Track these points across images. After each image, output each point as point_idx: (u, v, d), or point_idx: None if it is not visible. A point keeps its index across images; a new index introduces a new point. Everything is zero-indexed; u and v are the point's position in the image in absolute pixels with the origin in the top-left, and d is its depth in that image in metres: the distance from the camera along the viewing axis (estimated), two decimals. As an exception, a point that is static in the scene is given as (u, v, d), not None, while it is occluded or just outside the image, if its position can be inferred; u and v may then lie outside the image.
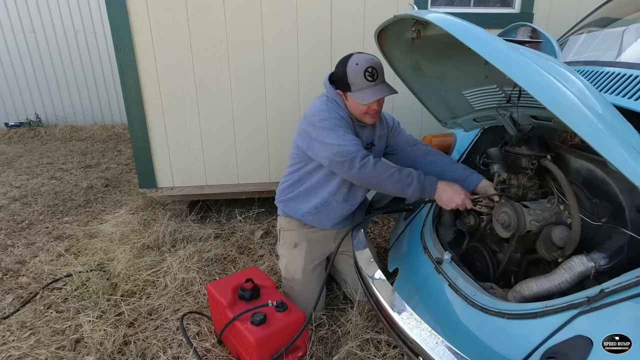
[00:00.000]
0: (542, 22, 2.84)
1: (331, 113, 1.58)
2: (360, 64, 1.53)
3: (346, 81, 1.55)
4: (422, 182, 1.48)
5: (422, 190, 1.49)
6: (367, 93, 1.53)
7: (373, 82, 1.54)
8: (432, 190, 1.49)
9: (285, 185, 1.86)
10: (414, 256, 1.69)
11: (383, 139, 1.81)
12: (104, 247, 2.38)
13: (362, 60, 1.54)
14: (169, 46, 2.52)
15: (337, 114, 1.59)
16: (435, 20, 1.05)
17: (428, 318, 1.33)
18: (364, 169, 1.47)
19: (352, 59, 1.55)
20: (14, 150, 4.80)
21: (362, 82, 1.53)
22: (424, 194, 1.50)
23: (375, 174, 1.47)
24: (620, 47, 1.56)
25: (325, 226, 1.83)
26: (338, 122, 1.56)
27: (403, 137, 1.84)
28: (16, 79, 5.69)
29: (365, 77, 1.52)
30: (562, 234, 1.22)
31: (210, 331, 1.73)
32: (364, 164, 1.47)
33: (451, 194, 1.48)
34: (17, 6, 5.42)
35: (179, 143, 2.73)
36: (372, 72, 1.53)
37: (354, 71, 1.53)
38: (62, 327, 1.77)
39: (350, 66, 1.54)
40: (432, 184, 1.50)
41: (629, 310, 0.92)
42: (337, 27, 2.62)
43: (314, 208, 1.77)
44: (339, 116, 1.59)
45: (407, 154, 1.82)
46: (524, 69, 0.95)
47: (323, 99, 1.66)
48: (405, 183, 1.47)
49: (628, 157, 0.86)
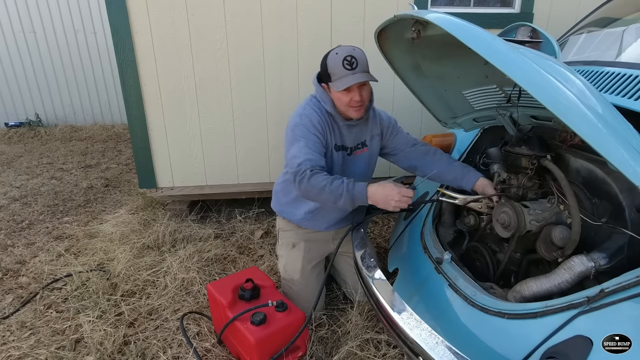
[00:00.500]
0: (542, 22, 2.84)
1: (303, 119, 1.57)
2: (339, 53, 1.51)
3: (327, 71, 1.54)
4: (351, 191, 1.42)
5: (353, 199, 1.42)
6: (344, 80, 1.50)
7: (351, 71, 1.49)
8: (363, 197, 1.42)
9: (277, 189, 1.87)
10: (414, 256, 1.69)
11: (377, 139, 1.77)
12: (104, 247, 2.38)
13: (342, 50, 1.52)
14: (169, 46, 2.52)
15: (309, 120, 1.56)
16: (435, 20, 1.05)
17: (428, 318, 1.34)
18: (301, 185, 1.44)
19: (333, 50, 1.54)
20: (14, 150, 4.80)
21: (340, 71, 1.50)
22: (356, 202, 1.44)
23: (309, 188, 1.44)
24: (620, 47, 1.56)
25: (320, 228, 1.82)
26: (305, 132, 1.54)
27: (401, 138, 1.81)
28: (16, 79, 5.69)
29: (344, 65, 1.49)
30: (562, 234, 1.22)
31: (210, 331, 1.73)
32: (301, 179, 1.44)
33: (385, 194, 1.40)
34: (17, 6, 5.42)
35: (179, 143, 2.73)
36: (351, 60, 1.49)
37: (333, 60, 1.52)
38: (62, 327, 1.77)
39: (330, 56, 1.53)
40: (361, 191, 1.42)
41: (629, 310, 0.92)
42: (337, 27, 2.62)
43: (307, 213, 1.77)
44: (310, 123, 1.55)
45: (407, 155, 1.79)
46: (524, 69, 0.95)
47: (306, 101, 1.65)
48: (337, 194, 1.42)
49: (628, 157, 0.86)
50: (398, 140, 1.80)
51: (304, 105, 1.64)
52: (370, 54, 1.59)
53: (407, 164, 1.80)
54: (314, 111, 1.60)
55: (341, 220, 1.84)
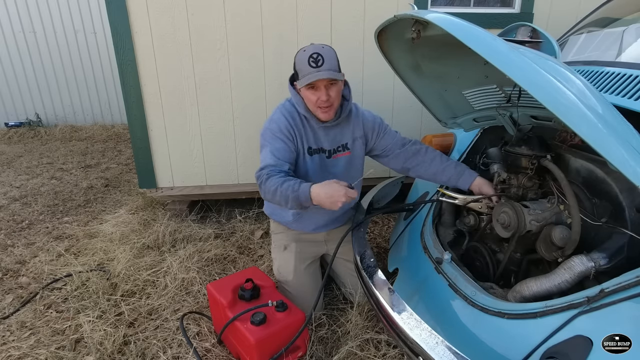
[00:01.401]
0: (542, 22, 2.84)
1: (271, 124, 1.57)
2: (307, 50, 1.49)
3: (295, 69, 1.53)
4: (297, 192, 1.35)
5: (298, 200, 1.35)
6: (308, 77, 1.47)
7: (316, 68, 1.46)
8: (307, 199, 1.35)
9: None
10: (414, 256, 1.69)
11: (360, 141, 1.72)
12: (104, 247, 2.38)
13: (310, 47, 1.50)
14: (169, 46, 2.52)
15: (276, 125, 1.56)
16: (435, 20, 1.05)
17: (428, 318, 1.34)
18: (260, 189, 1.45)
19: (302, 48, 1.51)
20: (14, 150, 4.80)
21: (305, 68, 1.48)
22: (303, 204, 1.37)
23: (265, 191, 1.42)
24: (620, 47, 1.56)
25: (307, 230, 1.82)
26: (272, 137, 1.55)
27: (389, 138, 1.75)
28: (16, 79, 5.69)
29: (309, 62, 1.46)
30: (562, 234, 1.22)
31: (210, 331, 1.73)
32: (260, 183, 1.44)
33: (330, 194, 1.32)
34: (17, 6, 5.43)
35: (179, 143, 2.73)
36: (317, 57, 1.45)
37: (300, 58, 1.50)
38: (62, 327, 1.77)
39: (298, 54, 1.52)
40: (305, 192, 1.34)
41: (629, 310, 0.92)
42: (337, 27, 2.62)
43: (295, 214, 1.77)
44: (277, 128, 1.55)
45: (398, 156, 1.75)
46: (524, 69, 0.95)
47: (281, 104, 1.66)
48: (285, 196, 1.36)
49: (628, 157, 0.86)
50: (387, 140, 1.75)
51: (276, 109, 1.64)
52: (370, 54, 1.59)
53: (399, 166, 1.77)
54: (283, 116, 1.59)
55: (330, 222, 1.84)
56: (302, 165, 1.66)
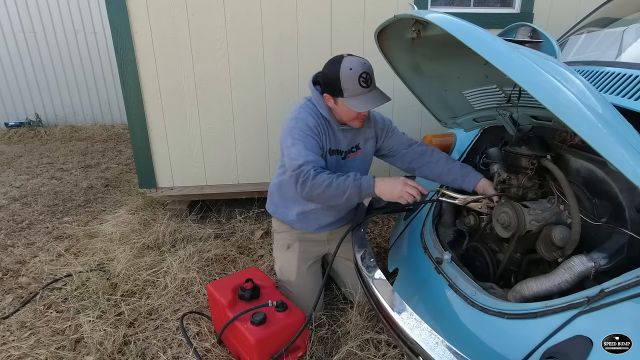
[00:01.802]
0: (542, 22, 2.84)
1: (298, 123, 1.55)
2: (354, 69, 1.46)
3: (339, 86, 1.48)
4: (359, 181, 1.42)
5: (360, 189, 1.42)
6: (361, 100, 1.48)
7: (367, 89, 1.49)
8: (370, 188, 1.42)
9: (272, 189, 1.87)
10: (414, 256, 1.69)
11: (371, 141, 1.75)
12: (104, 247, 2.38)
13: (356, 65, 1.47)
14: (169, 46, 2.52)
15: (304, 123, 1.55)
16: (435, 20, 1.05)
17: (428, 318, 1.34)
18: (305, 184, 1.43)
19: (345, 63, 1.47)
20: (14, 150, 4.80)
21: (356, 89, 1.47)
22: (363, 193, 1.43)
23: (315, 187, 1.42)
24: (620, 47, 1.56)
25: (310, 230, 1.82)
26: (301, 135, 1.52)
27: (397, 139, 1.78)
28: (16, 79, 5.69)
29: (360, 83, 1.46)
30: (562, 234, 1.22)
31: (210, 331, 1.73)
32: (305, 178, 1.43)
33: (391, 186, 1.41)
34: (17, 6, 5.42)
35: (179, 143, 2.73)
36: (367, 78, 1.48)
37: (347, 76, 1.46)
38: (62, 327, 1.77)
39: (343, 71, 1.47)
40: (368, 181, 1.43)
41: (629, 310, 0.92)
42: (337, 27, 2.62)
43: (299, 214, 1.77)
44: (305, 126, 1.54)
45: (404, 156, 1.77)
46: (524, 69, 0.95)
47: (300, 104, 1.64)
48: (344, 187, 1.41)
49: (628, 157, 0.86)
50: (394, 141, 1.78)
51: (299, 109, 1.63)
52: (370, 54, 1.59)
53: (405, 165, 1.79)
54: (310, 115, 1.59)
55: (333, 222, 1.84)
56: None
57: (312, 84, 1.64)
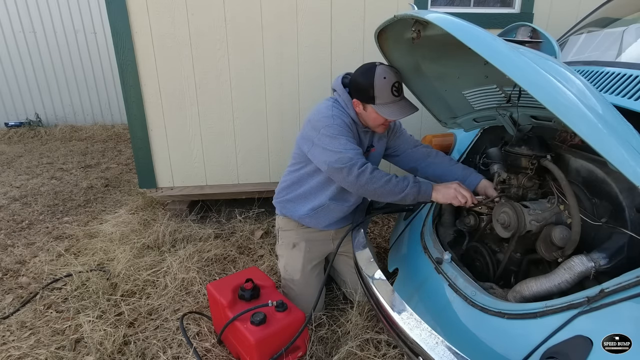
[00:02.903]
0: (542, 22, 2.84)
1: (335, 120, 1.57)
2: (387, 78, 1.51)
3: (372, 93, 1.53)
4: (418, 183, 1.51)
5: (419, 190, 1.50)
6: (394, 109, 1.54)
7: (398, 98, 1.55)
8: (428, 191, 1.50)
9: (284, 185, 1.86)
10: (414, 256, 1.69)
11: (383, 140, 1.80)
12: (104, 247, 2.38)
13: (390, 74, 1.52)
14: (169, 46, 2.52)
15: (341, 120, 1.58)
16: (435, 20, 1.05)
17: (428, 318, 1.34)
18: (361, 177, 1.47)
19: (379, 72, 1.52)
20: (14, 150, 4.80)
21: (388, 97, 1.53)
22: (420, 195, 1.50)
23: (372, 181, 1.47)
24: (620, 47, 1.56)
25: (319, 227, 1.83)
26: (341, 130, 1.55)
27: (404, 139, 1.83)
28: (16, 79, 5.69)
29: (392, 92, 1.52)
30: (562, 234, 1.22)
31: (210, 331, 1.73)
32: (362, 171, 1.47)
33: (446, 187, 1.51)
34: (17, 6, 5.42)
35: (179, 143, 2.73)
36: (399, 87, 1.54)
37: (381, 84, 1.51)
38: (62, 327, 1.77)
39: (377, 79, 1.51)
40: (427, 185, 1.52)
41: (629, 310, 0.92)
42: (337, 27, 2.62)
43: (311, 210, 1.77)
44: (343, 123, 1.58)
45: (409, 156, 1.81)
46: (524, 69, 0.95)
47: (329, 104, 1.64)
48: (403, 186, 1.49)
49: (628, 157, 0.86)
50: (401, 141, 1.82)
51: (330, 106, 1.63)
52: (370, 54, 1.59)
53: (408, 166, 1.82)
54: (342, 113, 1.62)
55: (341, 220, 1.85)
56: None
57: (342, 87, 1.65)
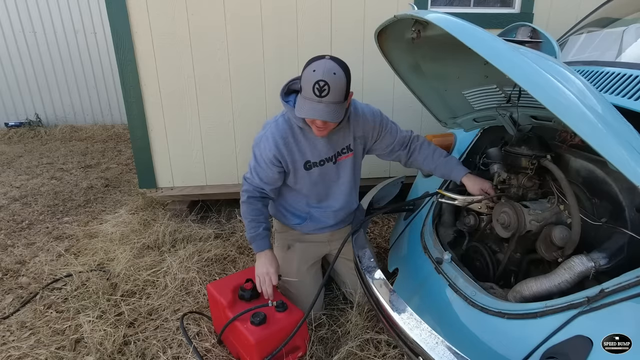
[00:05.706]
0: (542, 22, 2.84)
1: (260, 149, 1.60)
2: (317, 71, 1.33)
3: (300, 83, 1.41)
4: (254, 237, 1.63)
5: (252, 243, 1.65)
6: (306, 106, 1.37)
7: (318, 98, 1.34)
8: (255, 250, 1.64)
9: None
10: (414, 256, 1.69)
11: (361, 140, 1.69)
12: (104, 247, 2.38)
13: (322, 70, 1.33)
14: (169, 46, 2.52)
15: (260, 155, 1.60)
16: (435, 20, 1.05)
17: (428, 318, 1.33)
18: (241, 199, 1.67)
19: (315, 64, 1.36)
20: (14, 150, 4.80)
21: (308, 92, 1.35)
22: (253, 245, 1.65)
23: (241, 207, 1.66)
24: (620, 47, 1.56)
25: (311, 231, 1.83)
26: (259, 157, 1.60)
27: (390, 138, 1.72)
28: (16, 79, 5.69)
29: (314, 89, 1.33)
30: (562, 234, 1.22)
31: (210, 331, 1.73)
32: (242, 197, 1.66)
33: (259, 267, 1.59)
34: (17, 6, 5.42)
35: (179, 143, 2.73)
36: (323, 86, 1.32)
37: (307, 77, 1.36)
38: (62, 327, 1.77)
39: (308, 70, 1.37)
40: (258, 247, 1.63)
41: (629, 310, 0.92)
42: (337, 27, 2.62)
43: (298, 218, 1.80)
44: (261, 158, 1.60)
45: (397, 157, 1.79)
46: (524, 69, 0.95)
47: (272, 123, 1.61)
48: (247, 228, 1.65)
49: (628, 157, 0.86)
50: (387, 140, 1.72)
51: (268, 127, 1.60)
52: (370, 54, 1.59)
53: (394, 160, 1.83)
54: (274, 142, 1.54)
55: (335, 224, 1.85)
56: (300, 180, 1.66)
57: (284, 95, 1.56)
